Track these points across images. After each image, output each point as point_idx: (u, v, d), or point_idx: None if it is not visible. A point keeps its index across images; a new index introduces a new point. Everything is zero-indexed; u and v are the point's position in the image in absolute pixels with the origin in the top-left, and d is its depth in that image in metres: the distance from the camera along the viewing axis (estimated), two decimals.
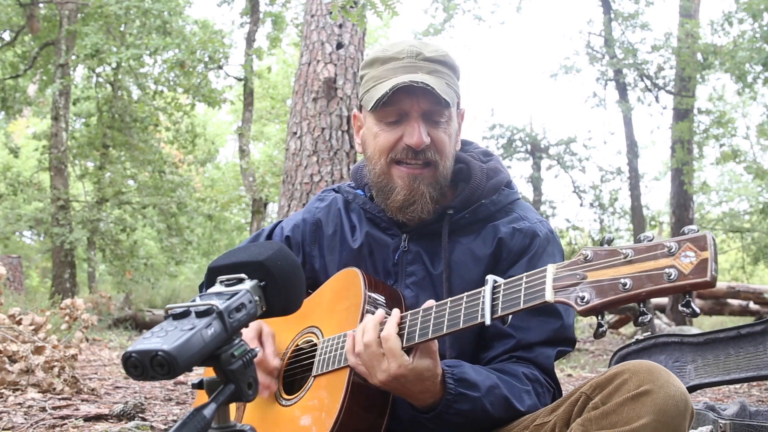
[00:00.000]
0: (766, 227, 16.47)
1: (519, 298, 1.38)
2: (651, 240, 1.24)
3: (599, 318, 1.28)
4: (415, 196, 1.78)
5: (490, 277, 1.45)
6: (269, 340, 1.86)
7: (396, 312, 1.59)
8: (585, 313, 1.26)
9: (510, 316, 1.42)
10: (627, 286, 1.21)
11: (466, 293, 1.50)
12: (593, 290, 1.26)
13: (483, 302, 1.44)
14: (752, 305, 12.03)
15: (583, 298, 1.26)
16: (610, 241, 1.29)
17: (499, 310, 1.41)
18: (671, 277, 1.17)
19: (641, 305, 1.25)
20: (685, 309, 1.20)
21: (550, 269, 1.34)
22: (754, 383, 5.08)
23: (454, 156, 1.85)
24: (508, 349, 1.74)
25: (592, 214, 17.00)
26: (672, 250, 1.19)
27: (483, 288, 1.45)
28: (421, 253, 1.84)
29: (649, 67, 14.04)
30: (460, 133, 1.90)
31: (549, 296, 1.32)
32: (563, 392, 1.74)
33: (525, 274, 1.40)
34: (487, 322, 1.42)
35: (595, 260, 1.28)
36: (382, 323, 1.57)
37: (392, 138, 1.78)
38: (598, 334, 1.28)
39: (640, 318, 1.24)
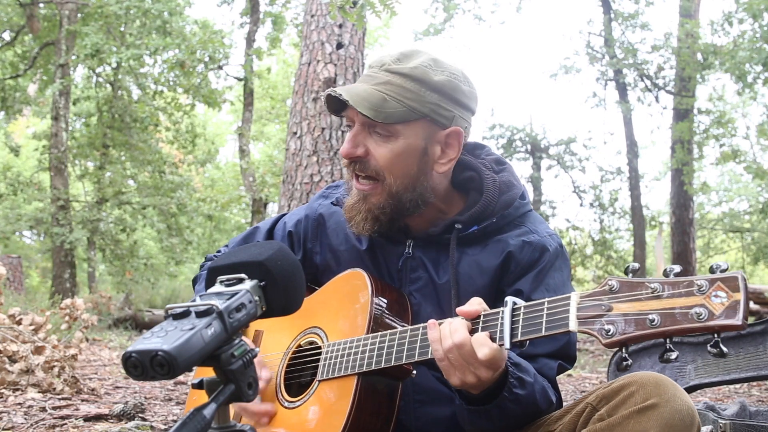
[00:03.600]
0: (766, 227, 16.48)
1: (540, 324, 1.36)
2: (678, 273, 1.22)
3: (623, 351, 1.27)
4: (352, 212, 1.75)
5: (509, 299, 1.42)
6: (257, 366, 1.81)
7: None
8: (610, 346, 1.25)
9: (528, 342, 1.40)
10: (655, 323, 1.20)
11: (483, 312, 1.46)
12: (619, 323, 1.24)
13: (502, 325, 1.41)
14: (752, 305, 12.02)
15: (608, 331, 1.25)
16: (635, 271, 1.27)
17: (519, 334, 1.39)
18: (701, 317, 1.16)
19: (667, 341, 1.23)
20: (713, 350, 1.17)
21: (574, 297, 1.33)
22: (754, 383, 5.08)
23: (416, 177, 1.71)
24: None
25: (592, 214, 17.04)
26: (702, 289, 1.18)
27: (501, 309, 1.42)
28: (425, 260, 1.81)
29: (649, 67, 14.06)
30: (444, 155, 1.74)
31: (573, 326, 1.30)
32: (562, 392, 1.73)
33: (547, 299, 1.38)
34: (507, 346, 1.39)
35: (621, 292, 1.26)
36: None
37: (344, 145, 1.76)
38: (621, 368, 1.26)
39: (666, 354, 1.22)
